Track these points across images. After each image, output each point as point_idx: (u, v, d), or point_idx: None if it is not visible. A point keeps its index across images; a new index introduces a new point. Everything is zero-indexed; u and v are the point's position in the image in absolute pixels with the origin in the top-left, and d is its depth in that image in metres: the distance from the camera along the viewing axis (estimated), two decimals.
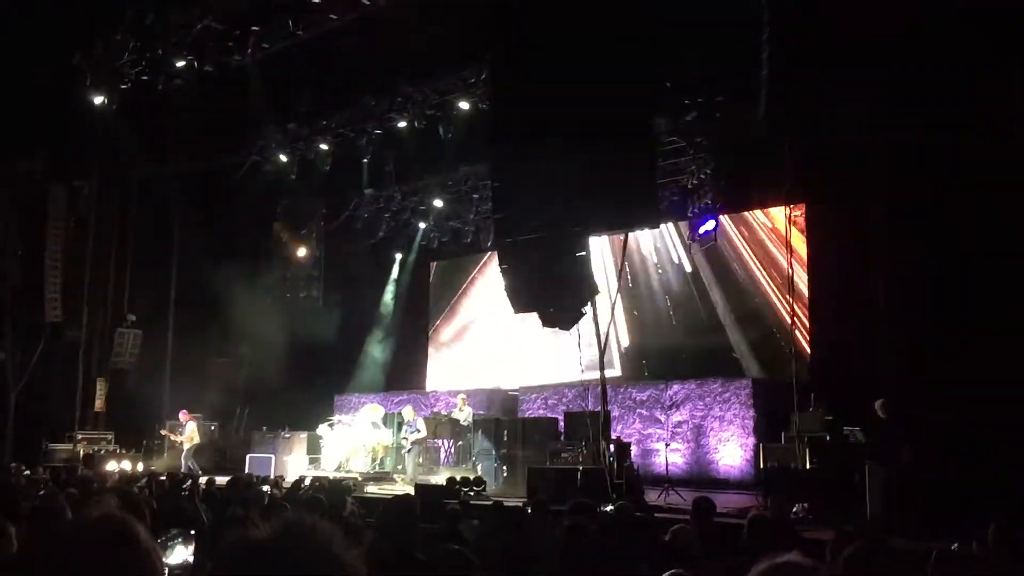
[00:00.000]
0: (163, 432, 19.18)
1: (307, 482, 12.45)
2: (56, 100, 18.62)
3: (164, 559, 3.97)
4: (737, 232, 17.26)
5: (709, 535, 6.18)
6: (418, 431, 16.56)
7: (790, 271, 14.26)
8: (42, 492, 10.17)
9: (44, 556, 1.67)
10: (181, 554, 4.53)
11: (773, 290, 16.73)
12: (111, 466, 17.82)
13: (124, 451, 19.72)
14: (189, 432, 18.28)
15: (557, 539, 5.21)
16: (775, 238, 16.79)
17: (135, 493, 6.99)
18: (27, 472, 13.88)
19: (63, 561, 1.63)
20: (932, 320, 11.90)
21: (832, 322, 14.87)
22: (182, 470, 17.17)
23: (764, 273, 16.93)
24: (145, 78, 17.07)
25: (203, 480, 13.31)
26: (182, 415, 18.59)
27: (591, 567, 4.77)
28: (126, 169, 21.07)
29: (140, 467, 18.14)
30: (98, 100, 17.83)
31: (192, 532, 4.80)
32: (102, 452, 19.26)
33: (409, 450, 16.64)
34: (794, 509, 10.17)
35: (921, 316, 12.11)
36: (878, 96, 12.01)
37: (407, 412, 17.35)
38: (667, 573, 3.37)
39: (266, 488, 10.78)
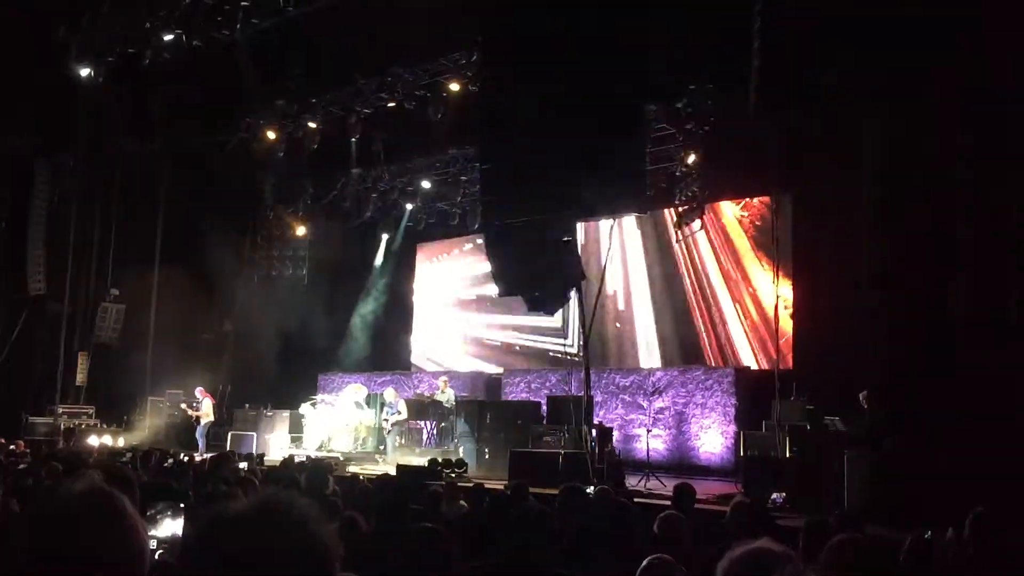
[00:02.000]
0: (181, 406, 19.20)
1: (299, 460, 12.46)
2: (42, 74, 18.44)
3: (152, 532, 3.98)
4: (724, 220, 17.31)
5: (693, 521, 6.24)
6: (399, 412, 16.59)
7: (776, 260, 14.34)
8: (21, 466, 10.17)
9: (28, 528, 1.67)
10: (169, 527, 4.54)
11: (757, 279, 16.82)
12: (92, 440, 17.80)
13: (105, 426, 19.69)
14: (205, 408, 18.37)
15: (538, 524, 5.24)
16: (761, 226, 16.87)
17: (121, 467, 6.99)
18: (12, 447, 13.83)
19: (47, 534, 1.63)
20: (917, 310, 11.98)
21: (816, 312, 14.95)
22: (199, 447, 17.30)
23: (749, 261, 17.00)
24: (132, 51, 16.89)
25: (198, 457, 13.34)
26: (199, 392, 18.65)
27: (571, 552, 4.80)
28: (112, 144, 20.88)
29: (121, 442, 18.12)
30: (84, 73, 17.64)
31: (181, 506, 4.81)
32: (83, 426, 19.23)
33: (389, 431, 16.68)
34: (772, 497, 10.26)
35: (906, 307, 12.19)
36: (868, 87, 12.05)
37: (388, 393, 17.37)
38: (649, 557, 3.39)
39: (243, 465, 10.80)
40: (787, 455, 11.26)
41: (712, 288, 17.34)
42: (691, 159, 15.66)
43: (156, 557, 3.87)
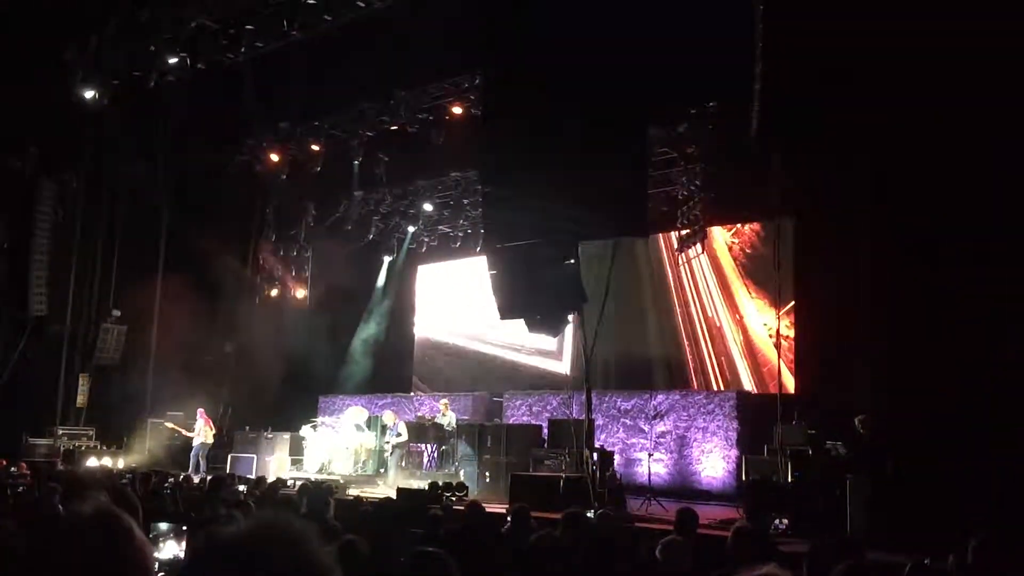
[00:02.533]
0: (167, 424, 19.13)
1: (291, 482, 12.43)
2: (47, 95, 18.54)
3: (154, 555, 3.97)
4: (724, 244, 17.34)
5: (693, 546, 6.20)
6: (399, 435, 16.55)
7: (778, 284, 14.34)
8: (21, 489, 10.13)
9: (35, 551, 1.66)
10: (171, 550, 4.53)
11: (745, 306, 16.99)
12: (91, 462, 17.75)
13: (105, 447, 19.64)
14: (197, 429, 18.25)
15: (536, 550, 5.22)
16: (751, 253, 17.05)
17: (126, 489, 6.97)
18: (12, 469, 13.79)
19: (56, 557, 1.63)
20: (918, 335, 11.97)
21: (817, 336, 14.95)
22: (191, 467, 17.24)
23: (751, 286, 17.06)
24: (137, 74, 17.01)
25: (196, 479, 13.29)
26: (199, 413, 18.55)
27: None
28: (115, 165, 20.97)
29: (121, 464, 18.08)
30: (89, 95, 17.76)
31: (184, 528, 4.80)
32: (83, 448, 19.18)
33: (391, 454, 16.63)
34: (775, 522, 10.20)
35: (907, 331, 12.18)
36: (870, 111, 12.09)
37: (387, 416, 17.34)
38: None
39: (242, 488, 10.77)
40: (789, 480, 11.21)
41: (713, 311, 17.36)
42: (693, 183, 15.72)
43: None
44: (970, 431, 10.32)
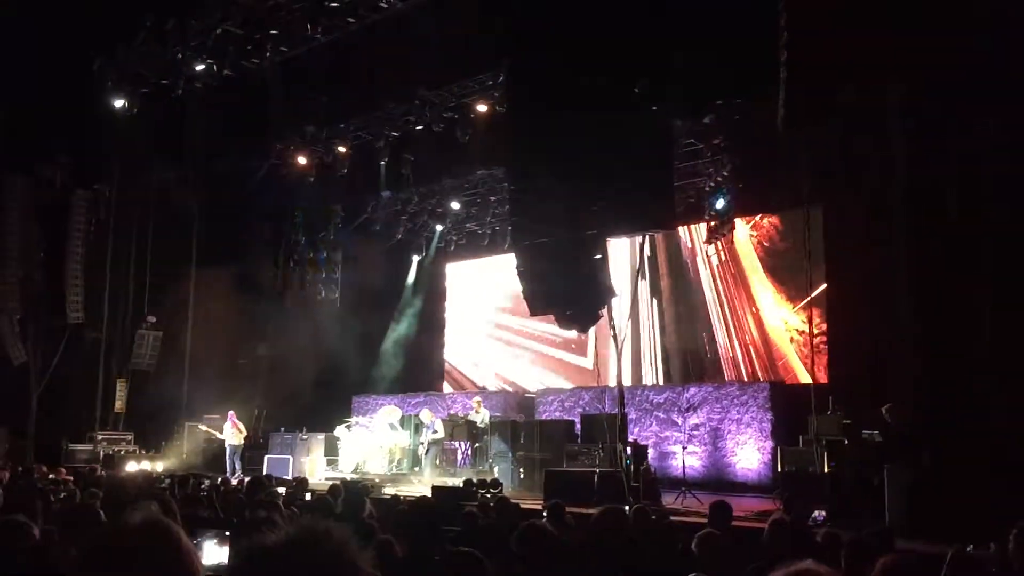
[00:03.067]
0: (200, 427, 19.39)
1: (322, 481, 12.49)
2: (77, 105, 18.80)
3: None
4: (754, 234, 17.23)
5: (727, 539, 6.18)
6: (436, 432, 16.63)
7: (808, 273, 14.23)
8: (63, 495, 10.28)
9: (85, 560, 1.69)
10: (215, 555, 4.56)
11: (777, 297, 16.91)
12: (131, 467, 17.98)
13: (143, 451, 19.91)
14: (225, 431, 18.48)
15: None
16: (769, 247, 17.01)
17: (168, 496, 7.06)
18: (51, 476, 14.00)
19: (107, 566, 1.65)
20: (955, 321, 11.82)
21: (851, 324, 14.81)
22: (227, 470, 17.45)
23: (770, 279, 17.01)
24: (165, 82, 17.20)
25: (234, 481, 13.41)
26: (229, 416, 18.78)
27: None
28: (146, 173, 21.23)
29: (160, 467, 18.31)
30: (118, 105, 17.99)
31: (227, 533, 4.82)
32: (122, 452, 19.46)
33: (427, 451, 16.71)
34: (812, 514, 10.13)
35: (943, 317, 12.03)
36: (899, 97, 11.95)
37: (424, 414, 17.44)
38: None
39: (281, 490, 10.84)
40: (825, 470, 11.13)
41: (743, 302, 17.28)
42: (720, 173, 15.63)
43: None
44: (1010, 418, 10.18)
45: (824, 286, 15.53)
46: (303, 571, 1.35)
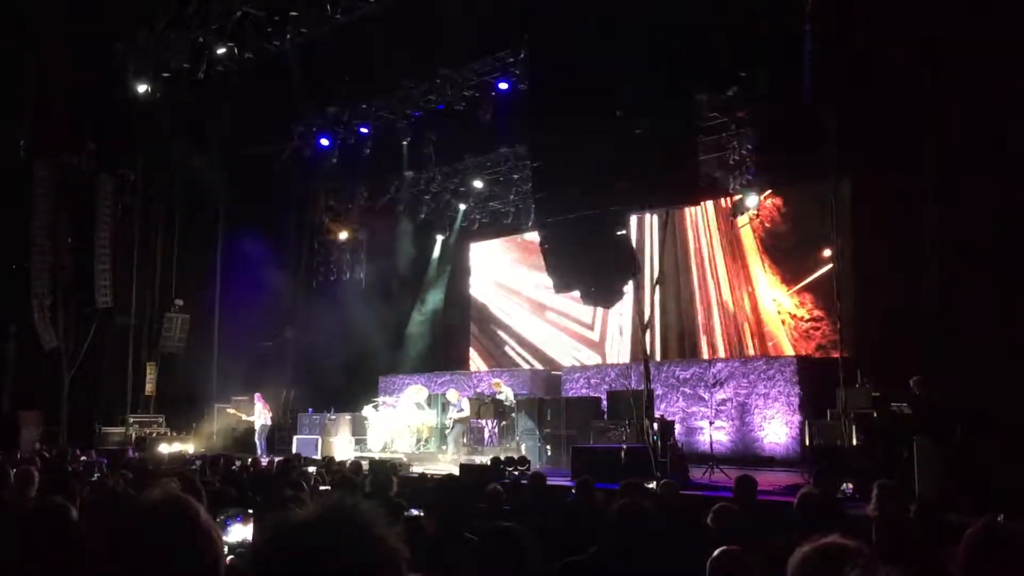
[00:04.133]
0: (229, 410, 19.57)
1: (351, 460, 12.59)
2: (101, 91, 18.92)
3: (224, 538, 4.06)
4: (755, 214, 17.06)
5: (754, 513, 6.17)
6: (461, 410, 16.70)
7: (837, 244, 14.09)
8: (96, 476, 10.43)
9: (107, 538, 1.71)
10: (239, 533, 4.61)
11: (772, 278, 16.95)
12: (163, 448, 18.22)
13: (175, 433, 20.16)
14: (257, 412, 18.63)
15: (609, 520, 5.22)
16: (771, 228, 17.02)
17: (191, 474, 7.14)
18: (84, 457, 14.21)
19: (126, 543, 1.67)
20: (983, 293, 11.69)
21: (879, 297, 14.66)
22: (257, 451, 17.62)
23: (779, 257, 16.95)
24: (187, 66, 17.26)
25: (264, 461, 13.55)
26: (256, 397, 18.91)
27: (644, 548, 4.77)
28: (170, 157, 21.36)
29: (191, 449, 18.53)
30: (142, 90, 18.08)
31: (250, 511, 4.88)
32: (154, 435, 19.71)
33: (451, 429, 16.79)
34: (842, 487, 10.07)
35: (971, 289, 11.90)
36: (922, 63, 11.78)
37: (451, 394, 17.52)
38: (718, 550, 3.34)
39: (311, 469, 10.95)
40: (854, 443, 11.06)
41: (770, 275, 17.16)
42: (745, 147, 15.47)
43: (227, 562, 3.93)
44: None
45: (830, 266, 15.43)
46: (330, 547, 1.35)
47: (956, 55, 11.41)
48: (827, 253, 15.50)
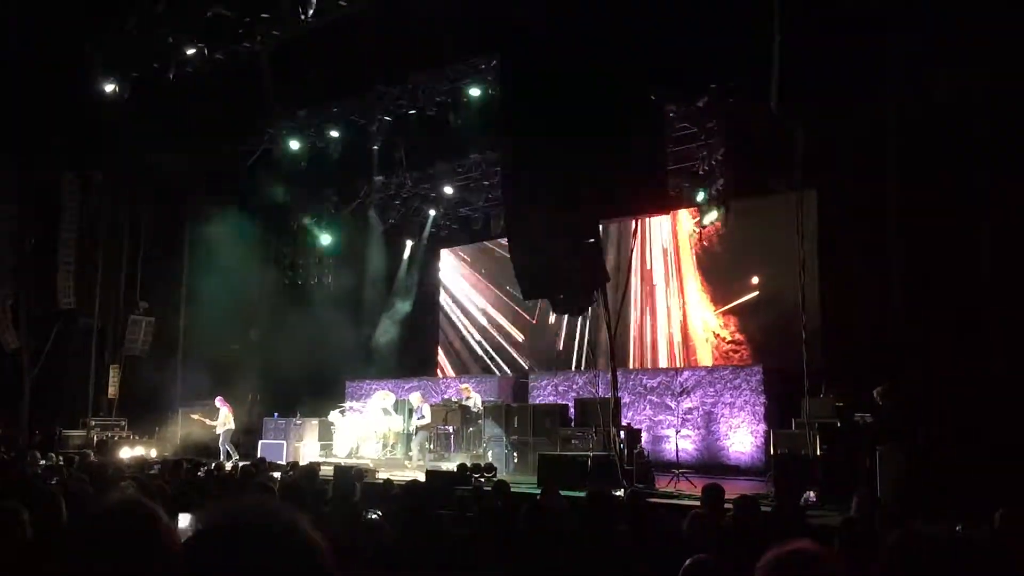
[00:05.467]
0: (194, 416, 19.28)
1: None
2: (68, 90, 18.67)
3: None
4: (747, 217, 17.20)
5: (720, 522, 6.19)
6: (423, 416, 16.63)
7: (801, 256, 14.21)
8: (55, 480, 10.26)
9: (64, 541, 1.69)
10: None
11: (703, 296, 17.21)
12: (124, 452, 17.96)
13: (137, 437, 19.89)
14: (222, 418, 18.38)
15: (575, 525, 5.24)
16: (708, 246, 17.40)
17: (148, 479, 7.05)
18: (42, 461, 13.98)
19: (84, 546, 1.65)
20: (947, 304, 11.84)
21: (844, 308, 14.81)
22: (221, 456, 17.35)
23: (775, 258, 17.01)
24: (156, 67, 17.08)
25: (228, 465, 13.41)
26: (218, 401, 18.65)
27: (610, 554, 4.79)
28: (138, 158, 21.11)
29: (153, 453, 18.29)
30: (109, 89, 17.87)
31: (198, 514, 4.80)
32: (115, 438, 19.44)
33: (415, 435, 16.72)
34: (804, 496, 10.16)
35: (935, 301, 12.05)
36: (892, 83, 11.93)
37: (414, 398, 17.43)
38: (690, 559, 3.35)
39: (276, 474, 10.85)
40: (818, 453, 11.15)
41: (737, 285, 17.28)
42: (714, 157, 15.59)
43: None
44: (1001, 400, 10.22)
45: (756, 293, 16.70)
46: (253, 552, 1.33)
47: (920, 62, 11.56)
48: (755, 280, 16.71)
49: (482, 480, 12.21)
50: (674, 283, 18.13)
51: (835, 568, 1.87)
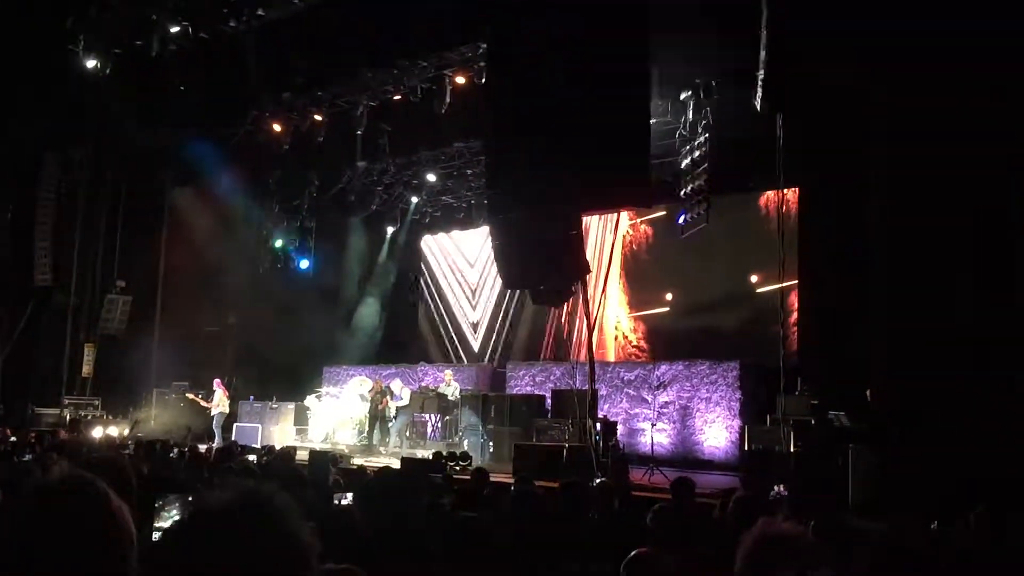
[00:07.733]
0: (190, 396, 19.11)
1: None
2: (49, 66, 18.43)
3: (158, 524, 3.98)
4: (729, 214, 17.24)
5: (690, 515, 6.24)
6: (401, 399, 16.63)
7: (781, 254, 14.28)
8: (28, 457, 10.18)
9: (6, 518, 1.63)
10: (176, 519, 4.48)
11: (763, 273, 16.95)
12: (97, 432, 17.84)
13: (111, 417, 19.76)
14: (217, 399, 18.25)
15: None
16: (767, 220, 17.04)
17: (121, 458, 6.98)
18: (13, 438, 13.85)
19: (26, 523, 1.59)
20: (926, 305, 11.91)
21: (821, 306, 14.92)
22: (215, 439, 17.23)
23: (754, 255, 17.06)
24: (139, 44, 16.90)
25: (203, 448, 13.33)
26: (215, 383, 18.52)
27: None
28: (119, 136, 20.89)
29: (127, 433, 18.17)
30: (91, 65, 17.66)
31: (190, 498, 4.75)
32: (89, 417, 19.30)
33: (394, 418, 16.69)
34: (773, 491, 10.23)
35: (915, 301, 12.12)
36: (877, 82, 11.96)
37: (395, 384, 17.42)
38: (634, 551, 3.34)
39: (252, 458, 10.80)
40: (791, 450, 11.23)
41: (716, 281, 17.35)
42: (697, 152, 15.60)
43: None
44: (976, 401, 10.29)
45: (666, 308, 17.89)
46: (239, 538, 1.30)
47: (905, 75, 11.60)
48: (668, 296, 17.79)
49: (457, 469, 12.22)
50: (600, 279, 18.05)
51: (817, 550, 1.88)
